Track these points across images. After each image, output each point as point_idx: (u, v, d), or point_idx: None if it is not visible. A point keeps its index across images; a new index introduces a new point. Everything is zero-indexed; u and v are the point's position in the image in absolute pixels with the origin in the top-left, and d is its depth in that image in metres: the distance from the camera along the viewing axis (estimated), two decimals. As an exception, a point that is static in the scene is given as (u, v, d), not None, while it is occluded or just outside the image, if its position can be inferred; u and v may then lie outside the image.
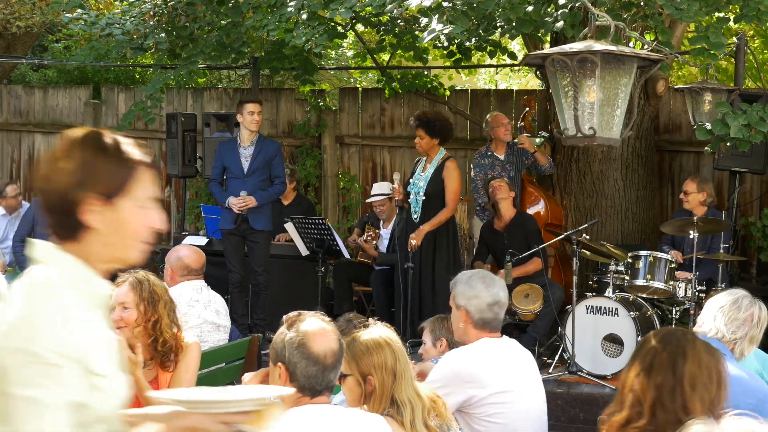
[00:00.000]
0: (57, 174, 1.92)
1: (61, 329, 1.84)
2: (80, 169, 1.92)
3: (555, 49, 4.07)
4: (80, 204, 1.91)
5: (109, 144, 1.96)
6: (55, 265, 1.93)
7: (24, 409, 1.81)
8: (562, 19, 5.98)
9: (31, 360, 1.81)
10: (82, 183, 1.91)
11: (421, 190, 7.05)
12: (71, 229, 1.94)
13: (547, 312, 6.83)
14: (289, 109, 10.19)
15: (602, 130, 3.96)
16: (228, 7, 7.78)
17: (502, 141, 7.90)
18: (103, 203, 1.93)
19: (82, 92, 11.24)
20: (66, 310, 1.87)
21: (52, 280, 1.91)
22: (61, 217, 1.94)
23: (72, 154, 1.94)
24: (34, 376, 1.81)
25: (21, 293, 1.90)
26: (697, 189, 7.12)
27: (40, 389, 1.81)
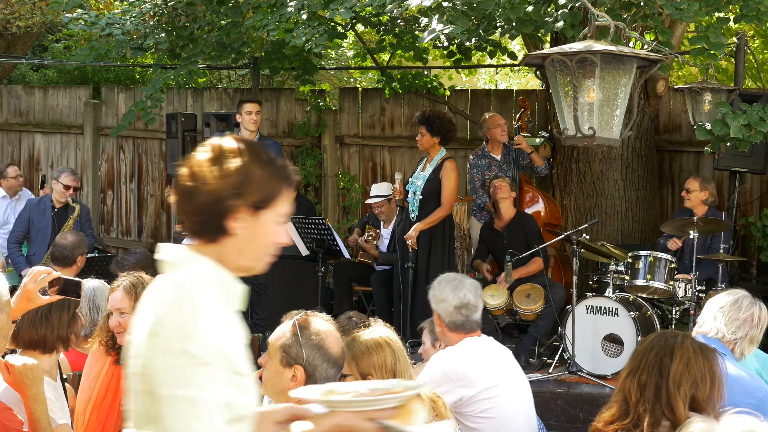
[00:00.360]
0: (214, 177, 1.95)
1: (212, 329, 1.87)
2: (240, 177, 1.95)
3: (555, 49, 4.07)
4: (232, 212, 1.95)
5: (268, 157, 2.01)
6: (195, 267, 1.96)
7: (180, 410, 1.83)
8: (562, 19, 5.98)
9: (187, 360, 1.83)
10: (238, 191, 1.95)
11: (418, 189, 7.05)
12: (213, 232, 1.98)
13: (549, 312, 6.83)
14: (289, 109, 10.19)
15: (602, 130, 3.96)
16: (228, 7, 7.78)
17: (498, 141, 7.90)
18: (251, 213, 1.97)
19: (82, 92, 11.24)
20: (213, 311, 1.90)
21: (197, 281, 1.94)
22: (207, 219, 1.96)
23: (232, 160, 1.97)
24: (190, 375, 1.83)
25: (164, 294, 1.93)
26: (699, 187, 7.12)
27: (196, 389, 1.83)
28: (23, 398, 3.09)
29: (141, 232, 10.89)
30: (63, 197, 7.77)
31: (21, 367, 3.07)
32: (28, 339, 3.45)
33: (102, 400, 3.77)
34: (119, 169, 11.02)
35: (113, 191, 11.09)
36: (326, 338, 2.74)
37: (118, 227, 11.09)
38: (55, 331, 3.48)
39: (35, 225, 7.80)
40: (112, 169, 11.06)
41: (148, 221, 10.81)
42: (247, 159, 1.98)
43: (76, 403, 3.80)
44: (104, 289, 4.39)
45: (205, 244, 1.99)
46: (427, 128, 7.02)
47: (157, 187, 10.81)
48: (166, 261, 2.01)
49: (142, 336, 1.91)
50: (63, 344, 3.54)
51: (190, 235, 2.02)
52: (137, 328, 1.95)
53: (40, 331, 3.46)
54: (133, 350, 1.95)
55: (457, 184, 7.12)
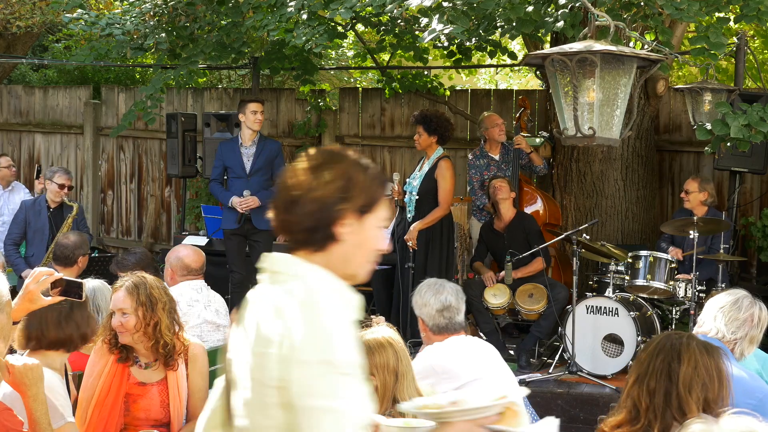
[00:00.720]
0: (321, 185, 1.96)
1: (346, 340, 1.87)
2: (345, 182, 1.96)
3: (555, 49, 4.07)
4: (340, 217, 1.96)
5: (366, 162, 2.03)
6: (313, 277, 1.96)
7: (322, 420, 1.82)
8: (562, 19, 5.98)
9: (329, 371, 1.83)
10: (345, 196, 1.96)
11: (414, 189, 7.04)
12: (322, 240, 1.97)
13: (551, 312, 6.84)
14: (289, 109, 10.19)
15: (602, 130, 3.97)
16: (228, 7, 7.78)
17: (496, 141, 7.90)
18: (357, 218, 1.98)
19: (82, 92, 11.24)
20: (344, 321, 1.91)
21: (323, 291, 1.93)
22: (315, 226, 1.96)
23: (334, 166, 1.98)
24: (332, 386, 1.83)
25: (288, 306, 1.90)
26: (698, 188, 7.12)
27: (339, 399, 1.83)
28: (23, 398, 3.10)
29: (141, 232, 10.89)
30: (58, 197, 7.76)
31: (21, 367, 3.08)
32: (54, 338, 3.50)
33: (104, 398, 3.78)
34: (119, 169, 11.02)
35: (113, 191, 11.09)
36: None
37: (118, 227, 11.09)
38: (80, 329, 3.55)
39: (32, 226, 7.76)
40: (112, 169, 11.06)
41: (148, 221, 10.81)
42: (347, 163, 1.99)
43: (78, 401, 3.81)
44: (104, 289, 4.40)
45: (312, 253, 1.98)
46: (425, 128, 7.02)
47: (157, 187, 10.82)
48: (274, 271, 2.00)
49: (267, 348, 1.88)
50: (84, 341, 3.61)
51: (295, 246, 2.01)
52: (255, 340, 1.93)
53: (66, 331, 3.51)
54: (254, 362, 1.91)
55: (453, 183, 7.09)
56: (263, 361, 1.90)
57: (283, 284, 1.97)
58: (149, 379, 3.92)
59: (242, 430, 1.96)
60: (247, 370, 1.94)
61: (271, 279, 2.01)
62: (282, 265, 2.00)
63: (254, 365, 1.92)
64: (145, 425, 3.91)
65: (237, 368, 1.99)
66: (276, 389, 1.87)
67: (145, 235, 10.78)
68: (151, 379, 3.92)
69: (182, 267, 5.36)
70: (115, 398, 3.79)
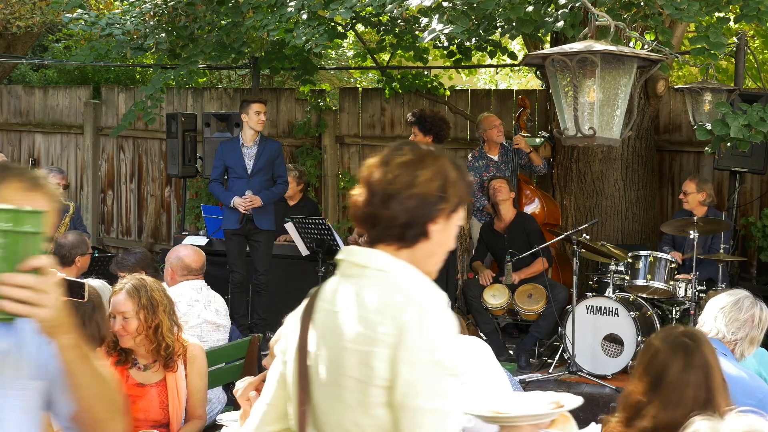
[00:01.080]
0: (421, 182, 1.97)
1: (452, 340, 1.88)
2: (443, 181, 1.98)
3: (555, 49, 4.07)
4: (437, 215, 1.99)
5: (457, 161, 2.06)
6: (404, 273, 1.95)
7: (429, 420, 1.83)
8: (562, 19, 5.97)
9: (439, 371, 1.83)
10: (443, 196, 1.98)
11: None
12: (414, 236, 1.98)
13: (550, 312, 6.83)
14: (289, 109, 10.19)
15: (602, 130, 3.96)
16: (228, 7, 7.78)
17: (495, 142, 7.90)
18: (447, 217, 2.01)
19: (82, 92, 11.24)
20: (448, 321, 1.90)
21: (425, 289, 1.93)
22: (412, 222, 1.97)
23: (432, 164, 1.99)
24: (442, 387, 1.84)
25: (389, 302, 1.89)
26: (696, 189, 7.12)
27: (448, 400, 1.84)
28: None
29: (141, 232, 10.89)
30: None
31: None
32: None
33: None
34: (119, 169, 11.02)
35: (113, 191, 11.09)
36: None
37: (118, 227, 11.09)
38: (101, 331, 3.58)
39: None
40: (112, 169, 11.06)
41: (148, 221, 10.81)
42: (443, 161, 2.01)
43: None
44: (105, 289, 4.39)
45: (398, 248, 1.99)
46: (419, 128, 7.04)
47: (157, 187, 10.81)
48: (359, 264, 1.99)
49: (373, 347, 1.88)
50: (100, 344, 3.62)
51: (380, 240, 2.00)
52: (355, 338, 1.91)
53: (87, 331, 3.52)
54: (352, 360, 1.91)
55: None
56: (368, 360, 1.88)
57: (375, 282, 1.95)
58: (148, 381, 3.92)
59: (333, 426, 1.96)
60: (342, 368, 1.92)
61: (354, 273, 1.99)
62: (369, 259, 1.98)
63: (353, 363, 1.91)
64: (144, 426, 3.91)
65: (323, 365, 1.96)
66: (383, 389, 1.86)
67: (145, 235, 10.78)
68: (149, 381, 3.92)
69: (182, 267, 5.36)
70: None
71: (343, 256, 2.04)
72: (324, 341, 1.98)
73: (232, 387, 5.18)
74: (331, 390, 1.95)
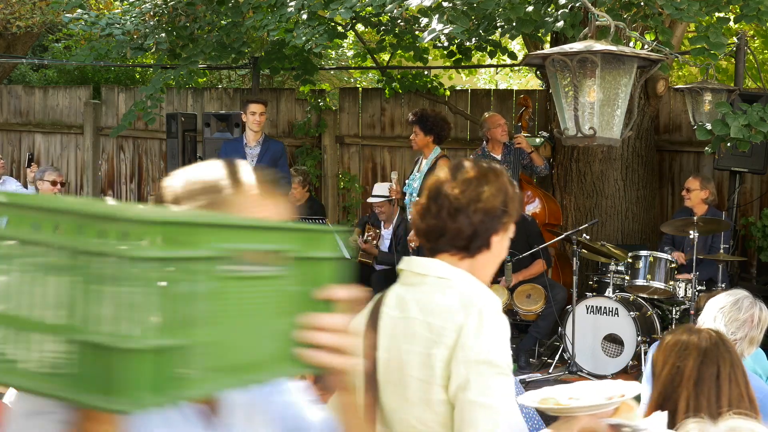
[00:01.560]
0: (487, 197, 2.13)
1: (505, 342, 2.04)
2: (504, 195, 2.15)
3: (555, 49, 4.07)
4: (500, 227, 2.15)
5: (513, 180, 2.21)
6: (466, 281, 2.11)
7: (481, 415, 1.96)
8: (562, 19, 5.97)
9: (493, 370, 1.99)
10: (505, 210, 2.15)
11: (414, 191, 7.04)
12: (477, 248, 2.15)
13: (549, 312, 6.83)
14: (289, 109, 10.19)
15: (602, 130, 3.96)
16: (228, 7, 7.78)
17: (498, 141, 7.90)
18: (506, 230, 2.18)
19: (82, 92, 11.24)
20: (503, 324, 2.05)
21: (483, 296, 2.07)
22: (477, 235, 2.13)
23: (495, 181, 2.16)
24: (493, 383, 1.98)
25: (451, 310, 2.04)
26: (700, 186, 7.12)
27: (497, 396, 1.98)
28: None
29: (141, 232, 10.88)
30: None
31: None
32: None
33: None
34: (119, 169, 11.02)
35: (113, 191, 11.09)
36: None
37: (118, 227, 11.08)
38: None
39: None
40: (112, 169, 11.06)
41: (148, 221, 10.80)
42: (503, 179, 2.18)
43: None
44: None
45: (462, 258, 2.15)
46: (420, 127, 7.03)
47: (157, 187, 10.80)
48: (420, 273, 2.14)
49: (433, 349, 2.03)
50: None
51: (443, 250, 2.15)
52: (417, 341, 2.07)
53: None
54: (416, 362, 2.06)
55: None
56: (429, 361, 2.04)
57: (437, 289, 2.10)
58: None
59: (400, 424, 2.12)
60: (407, 369, 2.08)
61: (416, 281, 2.15)
62: (428, 268, 2.14)
63: (416, 364, 2.07)
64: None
65: (389, 367, 2.12)
66: (443, 387, 2.02)
67: (145, 235, 10.78)
68: None
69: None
70: None
71: (404, 266, 2.20)
72: (389, 345, 2.14)
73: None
74: (397, 390, 2.11)
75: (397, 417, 2.12)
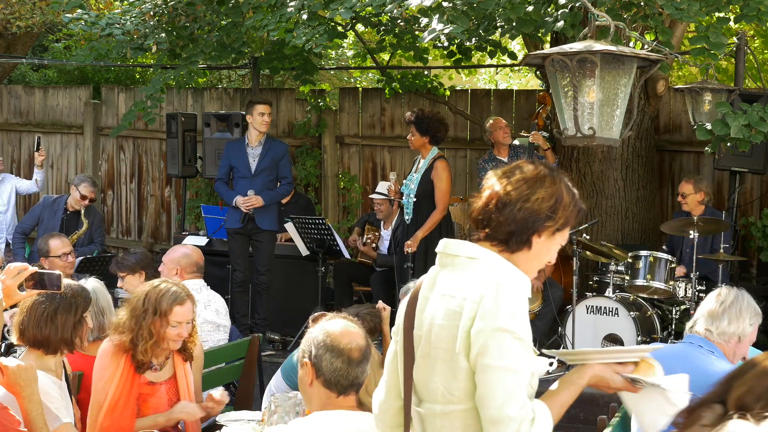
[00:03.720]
0: (536, 199, 2.29)
1: (524, 313, 2.22)
2: (554, 203, 2.30)
3: (555, 49, 4.07)
4: (542, 230, 2.30)
5: (573, 188, 2.37)
6: (493, 260, 2.29)
7: (496, 376, 2.16)
8: (562, 19, 5.97)
9: (507, 336, 2.17)
10: (551, 215, 2.30)
11: (412, 192, 7.04)
12: (518, 244, 2.30)
13: (547, 311, 6.83)
14: (289, 109, 10.19)
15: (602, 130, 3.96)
16: (228, 7, 7.77)
17: (502, 144, 7.91)
18: (550, 234, 2.32)
19: (82, 92, 11.24)
20: (524, 301, 2.25)
21: (512, 277, 2.26)
22: (518, 231, 2.29)
23: (550, 186, 2.31)
24: (511, 349, 2.17)
25: (485, 287, 2.22)
26: (693, 189, 7.11)
27: (514, 360, 2.17)
28: (18, 399, 3.09)
29: (141, 232, 10.89)
30: (78, 205, 7.94)
31: (15, 368, 3.08)
32: (32, 337, 3.49)
33: (116, 402, 3.74)
34: (119, 169, 11.02)
35: (113, 191, 11.09)
36: (334, 332, 2.78)
37: (118, 227, 11.09)
38: (59, 333, 3.50)
39: (44, 223, 7.90)
40: (112, 169, 11.06)
41: (148, 221, 10.81)
42: (560, 185, 2.32)
43: (90, 405, 3.78)
44: (103, 289, 4.38)
45: (502, 251, 2.31)
46: (417, 127, 7.04)
47: (157, 187, 10.81)
48: (454, 254, 2.33)
49: (456, 321, 2.23)
50: (67, 347, 3.55)
51: (485, 239, 2.32)
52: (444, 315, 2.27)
53: (44, 332, 3.48)
54: (442, 334, 2.26)
55: (450, 183, 7.09)
56: (455, 332, 2.23)
57: (465, 267, 2.30)
58: (158, 378, 3.94)
59: (429, 393, 2.31)
60: (436, 341, 2.29)
61: (448, 262, 2.35)
62: (459, 249, 2.34)
63: (443, 336, 2.26)
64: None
65: (421, 342, 2.33)
66: (465, 356, 2.21)
67: (145, 235, 10.78)
68: (160, 378, 3.95)
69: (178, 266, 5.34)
70: (126, 401, 3.76)
71: (440, 249, 2.38)
72: (423, 322, 2.34)
73: (233, 387, 5.19)
74: (427, 362, 2.31)
75: (427, 389, 2.31)
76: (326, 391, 2.74)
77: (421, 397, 2.35)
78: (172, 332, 3.81)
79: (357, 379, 2.76)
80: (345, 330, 2.80)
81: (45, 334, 3.47)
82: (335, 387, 2.73)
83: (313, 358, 2.74)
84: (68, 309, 3.51)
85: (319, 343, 2.75)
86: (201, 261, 5.44)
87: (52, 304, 3.48)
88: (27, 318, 3.47)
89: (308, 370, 2.75)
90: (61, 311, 3.50)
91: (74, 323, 3.53)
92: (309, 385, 2.76)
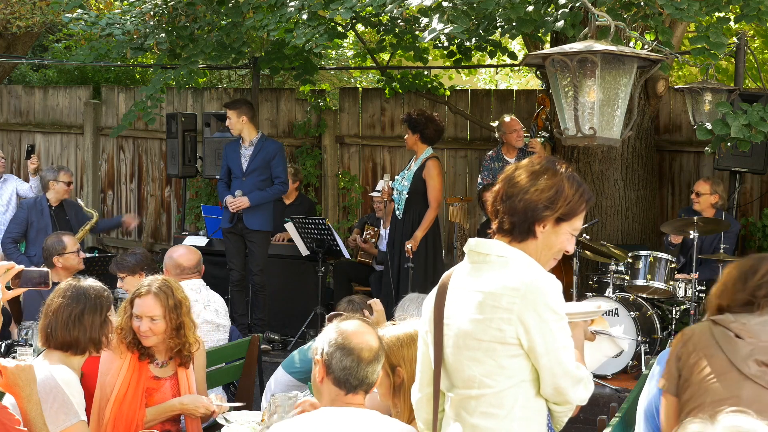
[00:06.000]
0: (535, 190, 2.47)
1: (558, 292, 2.44)
2: (554, 194, 2.47)
3: (555, 49, 4.06)
4: (541, 219, 2.47)
5: (579, 179, 2.54)
6: (520, 257, 2.47)
7: (560, 357, 2.41)
8: (563, 19, 5.97)
9: (554, 316, 2.41)
10: (551, 205, 2.47)
11: (404, 189, 7.15)
12: (521, 233, 2.49)
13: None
14: (289, 109, 10.19)
15: (602, 130, 3.96)
16: (228, 7, 7.77)
17: (513, 146, 7.92)
18: (553, 224, 2.49)
19: (82, 92, 11.24)
20: (552, 285, 2.44)
21: (536, 270, 2.45)
22: (521, 221, 2.48)
23: (550, 178, 2.48)
24: (557, 327, 2.42)
25: (516, 275, 2.43)
26: (710, 191, 7.11)
27: (564, 338, 2.43)
28: (17, 400, 3.09)
29: (141, 232, 10.89)
30: (66, 195, 7.89)
31: (14, 369, 3.08)
32: (61, 340, 3.51)
33: (125, 394, 3.79)
34: (119, 169, 11.02)
35: (113, 191, 11.09)
36: (346, 331, 2.80)
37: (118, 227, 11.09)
38: (88, 334, 3.53)
39: (34, 226, 7.78)
40: (112, 169, 11.06)
41: (148, 221, 10.81)
42: (560, 177, 2.49)
43: (93, 401, 3.81)
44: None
45: (510, 241, 2.50)
46: (408, 126, 7.22)
47: (157, 187, 10.81)
48: (482, 252, 2.51)
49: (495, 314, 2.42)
50: (95, 346, 3.59)
51: (498, 232, 2.54)
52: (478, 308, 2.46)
53: (73, 333, 3.50)
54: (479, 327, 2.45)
55: (441, 183, 7.22)
56: (498, 325, 2.42)
57: (496, 265, 2.47)
58: (163, 374, 3.98)
59: (463, 381, 2.50)
60: (474, 334, 2.46)
61: (479, 260, 2.52)
62: (490, 248, 2.51)
63: (483, 329, 2.44)
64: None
65: (455, 334, 2.51)
66: (514, 346, 2.42)
67: (145, 236, 10.78)
68: (164, 374, 3.98)
69: (176, 267, 5.34)
70: (134, 393, 3.82)
71: (469, 247, 2.55)
72: (454, 315, 2.52)
73: (233, 387, 5.19)
74: (462, 352, 2.49)
75: (460, 375, 2.50)
76: (335, 388, 2.76)
77: (454, 383, 2.54)
78: (136, 324, 3.86)
79: (366, 379, 2.77)
80: (357, 330, 2.82)
81: (74, 335, 3.50)
82: (344, 385, 2.75)
83: (325, 355, 2.77)
84: (94, 309, 3.55)
85: (332, 341, 2.78)
86: (189, 263, 5.39)
87: (78, 306, 3.52)
88: (54, 321, 3.50)
89: (320, 367, 2.78)
90: (87, 312, 3.53)
91: (101, 323, 3.58)
92: (320, 381, 2.79)
